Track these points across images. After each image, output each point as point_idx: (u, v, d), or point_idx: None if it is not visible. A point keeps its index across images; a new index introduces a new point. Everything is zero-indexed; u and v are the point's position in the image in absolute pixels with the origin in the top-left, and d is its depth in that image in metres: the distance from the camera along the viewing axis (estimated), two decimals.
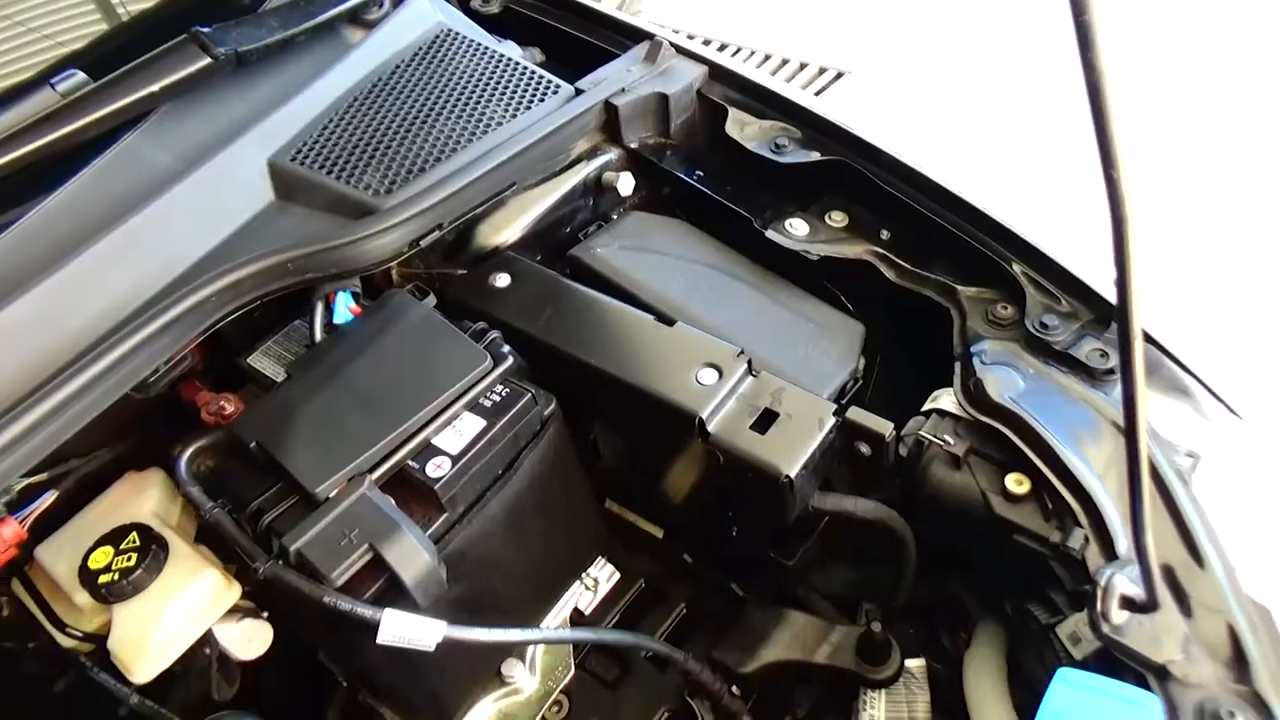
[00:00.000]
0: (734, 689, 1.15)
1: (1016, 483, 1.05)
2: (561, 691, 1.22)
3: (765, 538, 1.18)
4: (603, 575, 1.31)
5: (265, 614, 1.25)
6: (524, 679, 1.21)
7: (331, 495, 0.99)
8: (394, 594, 0.97)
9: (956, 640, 1.24)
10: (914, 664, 1.22)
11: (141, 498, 1.20)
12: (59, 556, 1.16)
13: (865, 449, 1.08)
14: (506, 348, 1.11)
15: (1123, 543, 0.94)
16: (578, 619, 1.28)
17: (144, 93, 1.21)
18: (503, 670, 1.20)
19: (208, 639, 1.19)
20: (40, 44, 1.34)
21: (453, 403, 1.05)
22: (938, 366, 1.19)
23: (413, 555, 0.96)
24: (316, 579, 0.94)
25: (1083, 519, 0.98)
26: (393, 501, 1.00)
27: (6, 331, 1.06)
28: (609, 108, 1.34)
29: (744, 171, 1.36)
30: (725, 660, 1.17)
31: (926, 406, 1.15)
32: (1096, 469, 1.00)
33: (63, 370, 1.03)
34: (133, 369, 1.04)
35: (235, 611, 1.22)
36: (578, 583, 1.29)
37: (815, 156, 1.31)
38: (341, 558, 0.94)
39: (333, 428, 1.03)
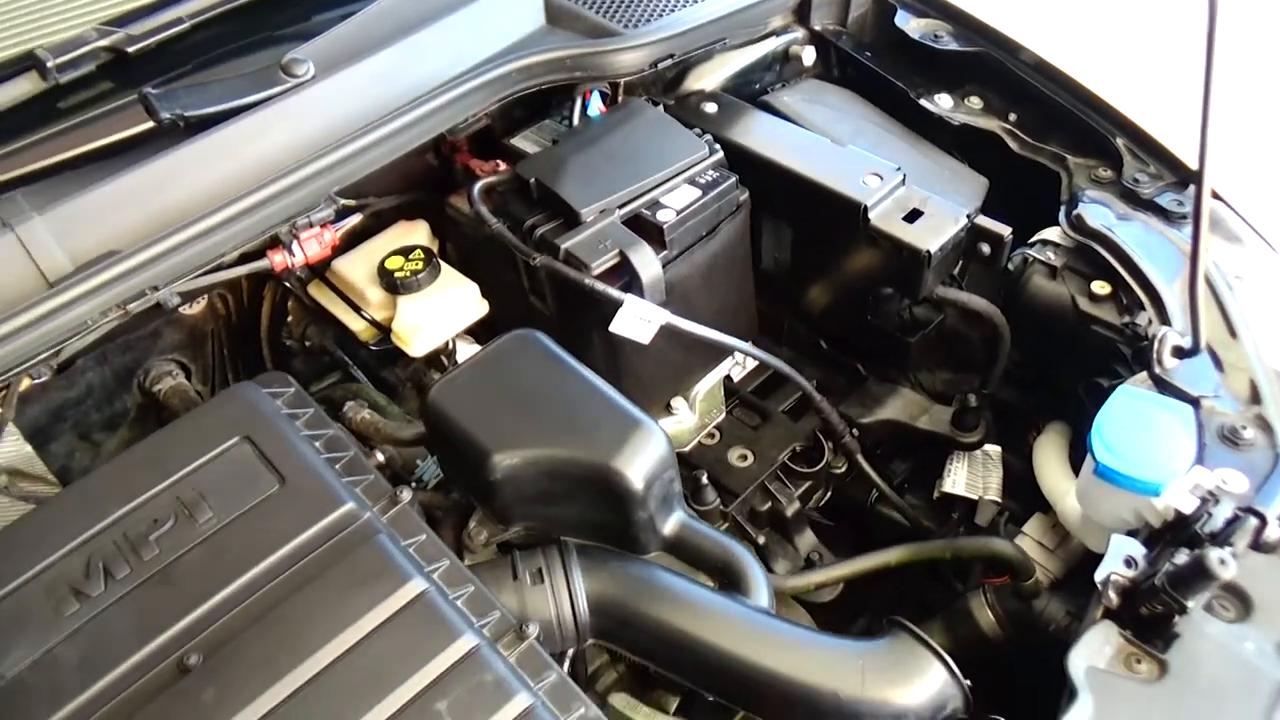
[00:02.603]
0: (854, 432, 1.49)
1: (1100, 286, 1.36)
2: (715, 427, 1.56)
3: (895, 324, 1.51)
4: None
5: None
6: (685, 414, 1.55)
7: (590, 219, 1.34)
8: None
9: (1028, 436, 1.55)
10: (992, 448, 1.54)
11: (411, 237, 1.57)
12: (353, 267, 1.53)
13: (986, 249, 1.41)
14: (717, 145, 1.45)
15: (1179, 321, 1.26)
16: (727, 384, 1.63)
17: None
18: (671, 404, 1.55)
19: (448, 350, 1.55)
20: None
21: (677, 174, 1.41)
22: (1040, 226, 1.51)
23: (650, 263, 1.31)
24: (579, 270, 1.30)
25: (1149, 308, 1.30)
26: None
27: (356, 81, 1.43)
28: None
29: (901, 59, 1.69)
30: (848, 413, 1.50)
31: (1032, 240, 1.48)
32: (1164, 277, 1.32)
33: (396, 110, 1.40)
34: (450, 114, 1.41)
35: (469, 336, 1.59)
36: (731, 358, 1.63)
37: (964, 47, 1.64)
38: (599, 255, 1.30)
39: (591, 175, 1.38)
